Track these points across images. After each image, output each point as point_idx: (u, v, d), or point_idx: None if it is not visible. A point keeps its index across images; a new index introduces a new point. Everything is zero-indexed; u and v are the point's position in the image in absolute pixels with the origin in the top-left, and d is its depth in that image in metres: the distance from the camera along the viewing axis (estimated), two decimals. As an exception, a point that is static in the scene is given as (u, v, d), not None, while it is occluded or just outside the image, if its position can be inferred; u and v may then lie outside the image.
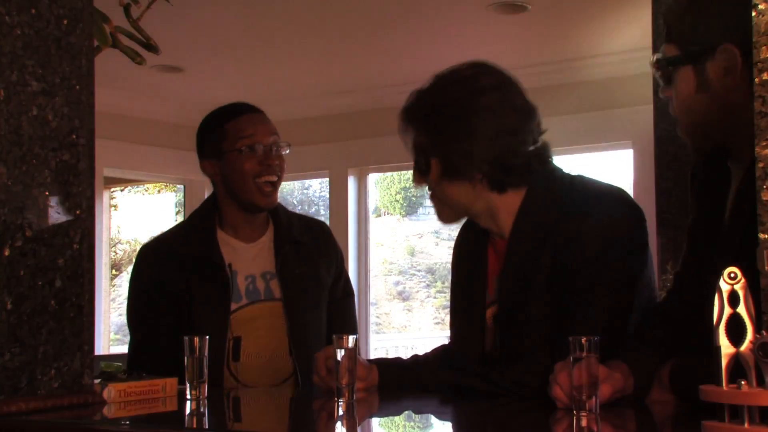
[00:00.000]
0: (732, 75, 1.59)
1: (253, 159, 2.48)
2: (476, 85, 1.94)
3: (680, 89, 1.68)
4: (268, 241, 2.58)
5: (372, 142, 6.70)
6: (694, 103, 1.66)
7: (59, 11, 1.77)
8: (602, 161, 6.50)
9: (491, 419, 1.75)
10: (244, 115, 2.54)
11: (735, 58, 1.58)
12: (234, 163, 2.49)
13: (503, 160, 1.91)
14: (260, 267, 2.55)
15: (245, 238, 2.57)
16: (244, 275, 2.53)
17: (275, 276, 2.53)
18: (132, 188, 12.91)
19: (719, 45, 1.60)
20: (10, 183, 1.67)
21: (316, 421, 1.81)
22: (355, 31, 5.26)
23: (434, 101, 1.98)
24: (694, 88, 1.65)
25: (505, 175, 1.93)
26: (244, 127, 2.51)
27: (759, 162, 1.27)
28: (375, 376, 1.99)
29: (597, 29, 5.17)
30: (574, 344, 1.52)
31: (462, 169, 1.93)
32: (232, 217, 2.56)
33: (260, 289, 2.53)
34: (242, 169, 2.48)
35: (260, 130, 2.51)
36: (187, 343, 1.83)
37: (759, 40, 1.27)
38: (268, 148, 2.51)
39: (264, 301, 2.52)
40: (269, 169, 2.49)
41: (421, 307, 15.16)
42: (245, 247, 2.56)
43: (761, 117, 1.27)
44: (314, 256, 2.61)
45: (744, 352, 1.18)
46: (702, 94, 1.65)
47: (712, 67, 1.62)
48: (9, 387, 1.63)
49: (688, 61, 1.65)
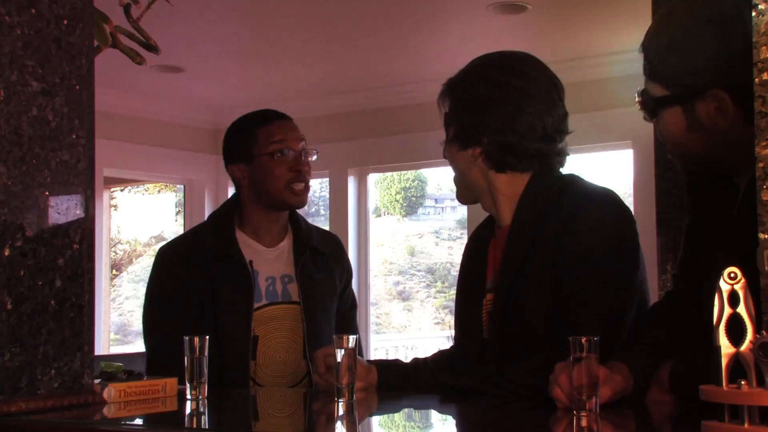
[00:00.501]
0: (724, 115, 1.56)
1: (284, 165, 2.55)
2: (504, 66, 2.02)
3: (670, 127, 1.66)
4: (287, 247, 2.64)
5: (372, 142, 6.70)
6: (687, 140, 1.64)
7: (59, 11, 1.77)
8: (602, 161, 6.50)
9: (491, 419, 1.75)
10: (275, 121, 2.61)
11: (725, 102, 1.55)
12: (265, 167, 2.55)
13: (504, 137, 1.97)
14: (280, 270, 2.60)
15: (265, 243, 2.62)
16: (264, 276, 2.57)
17: (293, 280, 2.59)
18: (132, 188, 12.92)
19: (707, 90, 1.57)
20: (10, 183, 1.67)
21: (316, 421, 1.81)
22: (355, 31, 5.25)
23: (466, 76, 2.06)
24: (684, 128, 1.63)
25: (502, 154, 1.98)
26: (275, 132, 2.57)
27: (759, 162, 1.27)
28: (374, 376, 2.00)
29: (597, 29, 5.17)
30: (574, 344, 1.52)
31: (466, 139, 2.00)
32: (255, 221, 2.61)
33: (278, 291, 2.58)
34: (274, 173, 2.54)
35: (290, 136, 2.59)
36: (187, 343, 1.84)
37: (759, 40, 1.27)
38: (298, 153, 2.58)
39: (282, 303, 2.58)
40: (299, 176, 2.57)
41: (421, 307, 15.17)
42: (265, 250, 2.61)
43: (761, 117, 1.27)
44: (330, 265, 2.68)
45: (744, 352, 1.18)
46: (694, 132, 1.62)
47: (703, 107, 1.59)
48: (9, 387, 1.63)
49: (677, 102, 1.62)
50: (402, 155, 6.69)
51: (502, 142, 1.97)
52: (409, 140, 6.44)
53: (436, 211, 16.25)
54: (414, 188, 15.89)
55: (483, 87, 2.00)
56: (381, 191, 15.45)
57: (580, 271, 1.88)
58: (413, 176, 15.51)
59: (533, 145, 1.98)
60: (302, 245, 2.63)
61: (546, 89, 2.00)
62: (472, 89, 2.02)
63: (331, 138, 6.73)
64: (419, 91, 6.23)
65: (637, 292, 1.92)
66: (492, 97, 1.98)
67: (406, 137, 6.45)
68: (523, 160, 1.99)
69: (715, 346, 1.19)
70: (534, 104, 1.97)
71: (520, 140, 1.97)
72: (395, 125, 6.57)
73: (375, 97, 6.57)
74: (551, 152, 2.01)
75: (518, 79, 1.98)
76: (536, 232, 1.94)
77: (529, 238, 1.94)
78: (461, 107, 2.03)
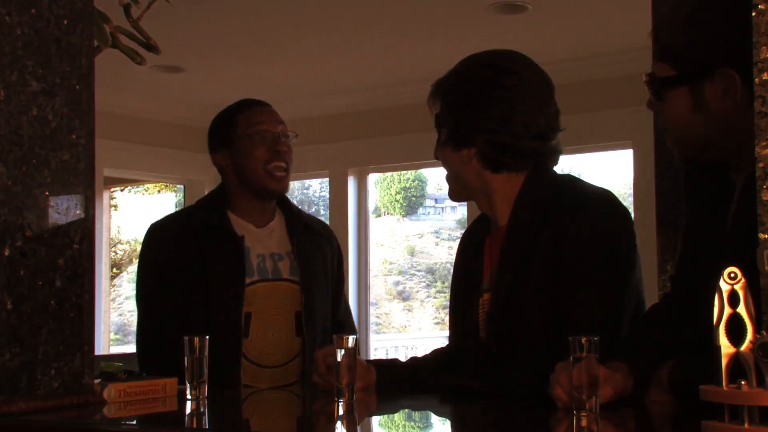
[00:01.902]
0: (731, 98, 1.56)
1: (263, 145, 2.59)
2: (495, 65, 2.01)
3: (673, 107, 1.65)
4: (278, 225, 2.68)
5: (372, 142, 6.70)
6: (690, 121, 1.63)
7: (59, 11, 1.77)
8: (602, 161, 6.50)
9: (491, 419, 1.75)
10: (253, 106, 2.67)
11: (735, 83, 1.54)
12: (244, 149, 2.59)
13: (498, 137, 1.96)
14: (270, 248, 2.63)
15: (255, 223, 2.64)
16: (255, 253, 2.59)
17: (283, 258, 2.62)
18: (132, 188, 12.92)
19: (717, 68, 1.56)
20: (10, 183, 1.67)
21: (316, 421, 1.81)
22: (355, 31, 5.26)
23: (456, 76, 2.05)
24: (689, 108, 1.62)
25: (497, 154, 1.97)
26: (254, 116, 2.63)
27: (759, 162, 1.27)
28: (373, 375, 2.00)
29: (597, 29, 5.18)
30: (574, 344, 1.52)
31: (460, 140, 1.99)
32: (244, 204, 2.64)
33: (269, 268, 2.60)
34: (252, 154, 2.58)
35: (269, 119, 2.63)
36: (187, 343, 1.83)
37: (759, 40, 1.27)
38: (276, 135, 2.61)
39: (272, 280, 2.59)
40: (278, 155, 2.59)
41: (421, 307, 15.17)
42: (256, 230, 2.64)
43: (761, 117, 1.26)
44: (322, 242, 2.72)
45: (744, 352, 1.18)
46: (698, 114, 1.61)
47: (710, 88, 1.58)
48: (9, 387, 1.63)
49: (684, 82, 1.62)
50: (402, 155, 6.70)
51: (498, 142, 1.96)
52: (409, 140, 6.44)
53: (436, 211, 16.26)
54: (414, 188, 15.91)
55: (474, 87, 1.98)
56: (381, 191, 15.46)
57: (578, 271, 1.88)
58: (413, 176, 15.53)
59: (528, 144, 1.97)
60: (295, 222, 2.67)
61: (537, 87, 1.99)
62: (463, 90, 2.00)
63: (331, 138, 6.74)
64: (419, 91, 6.17)
65: (633, 292, 1.92)
66: (484, 97, 1.96)
67: (406, 137, 6.45)
68: (518, 159, 1.98)
69: (715, 346, 1.19)
70: (527, 103, 1.96)
71: (515, 140, 1.96)
72: (395, 125, 6.57)
73: (375, 97, 6.57)
74: (545, 151, 2.00)
75: (509, 78, 1.97)
76: (535, 232, 1.94)
77: (527, 239, 1.94)
78: (453, 108, 2.02)
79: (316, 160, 6.80)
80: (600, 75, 5.65)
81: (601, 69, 5.62)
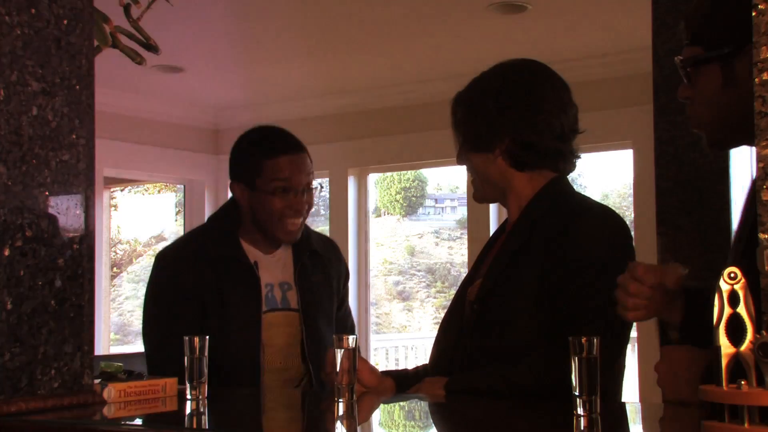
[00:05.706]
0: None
1: (284, 201, 2.52)
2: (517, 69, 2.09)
3: (704, 86, 1.70)
4: (285, 252, 2.63)
5: (372, 142, 6.70)
6: (721, 98, 1.68)
7: (59, 11, 1.77)
8: (602, 161, 6.50)
9: (491, 419, 1.75)
10: (284, 155, 2.55)
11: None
12: (264, 201, 2.52)
13: (524, 135, 2.02)
14: (277, 277, 2.60)
15: (263, 249, 2.61)
16: (264, 282, 2.56)
17: (292, 287, 2.59)
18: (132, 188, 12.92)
19: (746, 45, 1.60)
20: (10, 183, 1.67)
21: (316, 421, 1.81)
22: (354, 32, 5.26)
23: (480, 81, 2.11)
24: (720, 85, 1.67)
25: (523, 152, 2.02)
26: (282, 168, 2.53)
27: (759, 162, 1.27)
28: (392, 385, 2.04)
29: (597, 29, 5.17)
30: (574, 344, 1.52)
31: (487, 140, 2.04)
32: (253, 233, 2.60)
33: (278, 298, 2.58)
34: (270, 206, 2.51)
35: (296, 171, 2.54)
36: (187, 343, 1.84)
37: (759, 40, 1.27)
38: (299, 191, 2.54)
39: (281, 310, 2.57)
40: (296, 213, 2.53)
41: (421, 307, 15.17)
42: (264, 257, 2.60)
43: (761, 117, 1.27)
44: (327, 267, 2.69)
45: (744, 352, 1.18)
46: (730, 89, 1.66)
47: (741, 64, 1.62)
48: (9, 387, 1.63)
49: (715, 60, 1.66)
50: (402, 155, 6.70)
51: (524, 140, 2.02)
52: (409, 140, 6.44)
53: (436, 211, 16.26)
54: (414, 188, 15.90)
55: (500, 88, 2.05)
56: (381, 191, 15.45)
57: (582, 273, 1.90)
58: (413, 176, 15.52)
59: (551, 144, 2.03)
60: (301, 249, 2.62)
61: (559, 88, 2.07)
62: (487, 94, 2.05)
63: (331, 138, 6.73)
64: (419, 91, 6.23)
65: None
66: (510, 97, 2.03)
67: (406, 137, 6.45)
68: (541, 158, 2.04)
69: (715, 346, 1.20)
70: (550, 102, 2.03)
71: (540, 138, 2.02)
72: (395, 125, 6.57)
73: (375, 97, 6.57)
74: (566, 152, 2.06)
75: (533, 79, 2.06)
76: (534, 229, 1.98)
77: (526, 235, 2.00)
78: (479, 110, 2.06)
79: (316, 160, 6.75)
80: (600, 75, 5.65)
81: (601, 69, 5.62)
